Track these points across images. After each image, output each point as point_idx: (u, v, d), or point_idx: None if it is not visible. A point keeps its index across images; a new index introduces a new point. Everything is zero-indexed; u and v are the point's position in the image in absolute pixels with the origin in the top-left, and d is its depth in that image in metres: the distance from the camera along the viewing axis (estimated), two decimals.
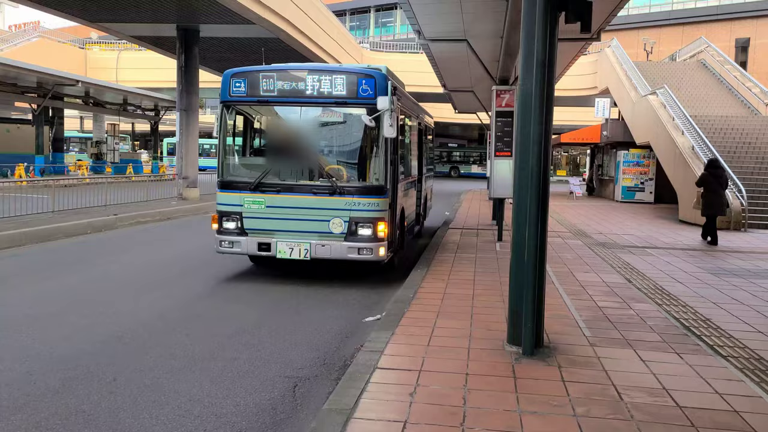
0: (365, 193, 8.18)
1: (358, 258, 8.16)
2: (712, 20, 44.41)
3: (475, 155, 53.35)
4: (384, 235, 8.22)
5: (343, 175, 8.44)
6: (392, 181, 8.69)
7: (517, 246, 5.33)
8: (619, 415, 4.07)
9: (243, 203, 8.42)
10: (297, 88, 8.26)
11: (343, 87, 8.14)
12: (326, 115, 8.68)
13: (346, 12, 63.16)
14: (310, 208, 8.22)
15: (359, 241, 8.15)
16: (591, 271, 9.29)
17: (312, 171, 8.57)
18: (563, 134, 32.76)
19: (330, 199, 8.15)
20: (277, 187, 8.34)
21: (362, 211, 8.13)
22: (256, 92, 8.38)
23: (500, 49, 12.07)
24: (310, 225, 8.23)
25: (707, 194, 13.06)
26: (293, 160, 8.65)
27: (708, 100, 24.44)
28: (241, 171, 8.94)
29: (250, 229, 8.47)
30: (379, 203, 8.21)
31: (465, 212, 19.27)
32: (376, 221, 8.15)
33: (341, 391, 4.37)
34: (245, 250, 8.48)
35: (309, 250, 8.24)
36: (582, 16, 5.19)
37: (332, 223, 8.15)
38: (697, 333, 6.05)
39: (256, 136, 9.46)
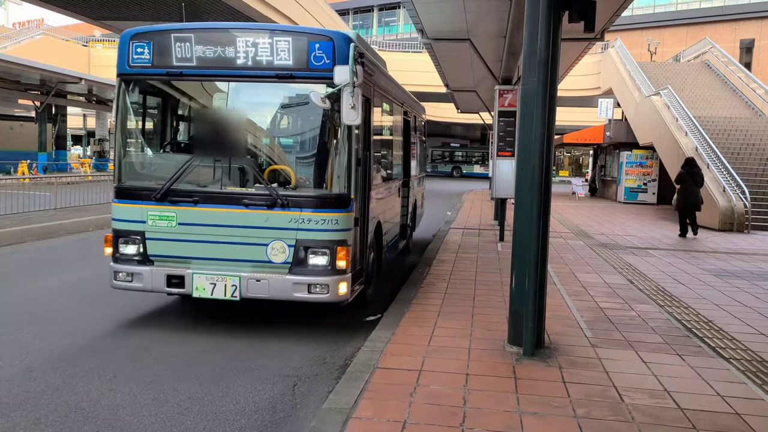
0: (320, 206, 5.78)
1: (307, 298, 5.79)
2: (716, 21, 44.33)
3: (478, 155, 53.29)
4: (345, 265, 5.81)
5: (288, 180, 6.01)
6: (362, 187, 6.48)
7: (518, 246, 5.31)
8: (619, 417, 4.05)
9: (146, 219, 6.01)
10: (224, 55, 5.87)
11: (288, 54, 5.75)
12: (265, 94, 6.31)
13: (349, 11, 63.19)
14: (240, 227, 5.83)
15: (310, 273, 5.77)
16: (592, 272, 9.26)
17: (244, 174, 6.11)
18: (566, 135, 32.76)
19: (269, 213, 5.77)
20: (194, 196, 5.93)
21: (315, 232, 5.74)
22: (166, 61, 5.97)
23: (503, 48, 12.05)
24: (241, 251, 5.85)
25: (683, 191, 13.83)
26: (217, 159, 6.14)
27: (712, 101, 24.38)
28: (145, 173, 6.46)
29: (156, 256, 6.04)
30: (340, 220, 5.80)
31: (467, 212, 19.26)
32: (334, 246, 5.77)
33: (341, 391, 4.36)
34: (148, 285, 6.04)
35: (238, 286, 5.82)
36: (586, 16, 5.17)
37: (272, 249, 5.79)
38: (699, 335, 6.03)
39: (165, 125, 6.88)
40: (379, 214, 7.63)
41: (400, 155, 10.02)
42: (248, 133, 6.47)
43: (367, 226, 6.79)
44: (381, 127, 8.02)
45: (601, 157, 31.28)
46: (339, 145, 5.91)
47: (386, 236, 8.33)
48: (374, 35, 61.85)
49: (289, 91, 6.21)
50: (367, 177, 6.71)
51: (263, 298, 5.89)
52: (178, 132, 7.07)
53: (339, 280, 5.83)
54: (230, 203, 5.90)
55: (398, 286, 7.99)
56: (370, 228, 7.01)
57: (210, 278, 5.90)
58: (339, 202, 5.86)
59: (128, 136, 6.45)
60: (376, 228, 7.48)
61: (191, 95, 6.81)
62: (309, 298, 5.81)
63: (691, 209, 13.95)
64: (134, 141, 6.63)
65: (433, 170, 53.45)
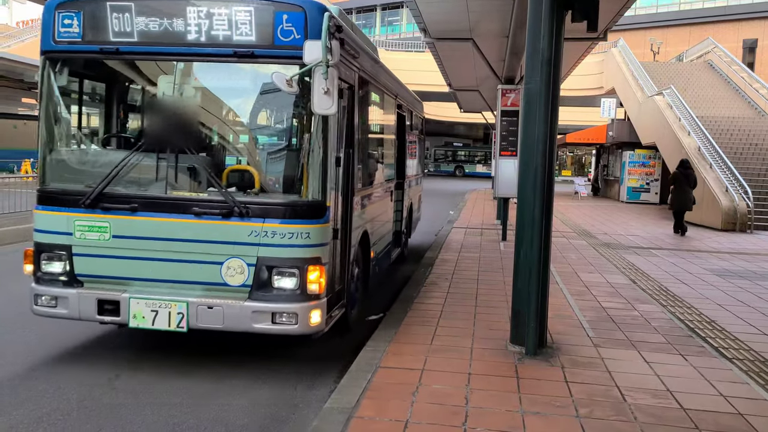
0: (287, 216, 4.73)
1: (271, 330, 4.74)
2: (719, 21, 44.20)
3: (480, 155, 53.24)
4: (319, 289, 4.77)
5: (249, 184, 4.93)
6: (343, 192, 5.54)
7: (520, 245, 5.31)
8: (622, 417, 4.05)
9: (74, 230, 4.92)
10: (171, 29, 4.78)
11: (250, 27, 4.69)
12: (222, 77, 5.14)
13: (353, 11, 63.17)
14: (189, 241, 4.79)
15: (274, 299, 4.73)
16: (595, 272, 9.25)
17: (194, 175, 5.00)
18: (569, 134, 32.73)
19: (225, 224, 4.73)
20: (132, 202, 4.85)
21: (281, 248, 4.71)
22: (100, 36, 4.87)
23: (506, 48, 12.03)
24: (189, 270, 4.81)
25: (676, 191, 14.39)
26: (162, 156, 4.96)
27: (715, 101, 24.33)
28: (73, 173, 5.22)
29: (85, 276, 4.98)
30: (312, 233, 4.76)
31: (469, 212, 19.25)
32: (305, 265, 4.72)
33: (343, 390, 4.37)
34: (75, 311, 4.94)
35: (185, 314, 4.74)
36: (588, 15, 5.17)
37: (227, 268, 4.76)
38: (701, 335, 6.02)
39: (99, 114, 5.79)
40: (366, 223, 6.62)
41: (393, 154, 8.97)
42: (200, 125, 5.25)
43: (350, 237, 5.73)
44: (369, 121, 6.79)
45: (604, 157, 31.25)
46: (312, 141, 4.80)
47: (375, 247, 7.24)
48: (377, 35, 61.83)
49: (251, 73, 5.04)
50: (350, 180, 5.69)
51: (216, 329, 4.79)
52: (114, 123, 5.74)
53: (311, 308, 4.73)
54: (176, 211, 4.83)
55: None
56: (354, 240, 5.93)
57: (151, 304, 4.79)
58: (311, 211, 4.79)
59: (54, 128, 5.24)
60: (362, 239, 6.38)
61: (131, 78, 5.61)
62: (273, 329, 4.73)
63: (684, 208, 14.40)
64: (61, 134, 5.36)
65: (435, 169, 53.45)
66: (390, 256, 8.83)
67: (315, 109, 4.45)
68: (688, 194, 14.30)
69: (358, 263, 6.31)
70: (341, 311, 5.55)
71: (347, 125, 5.60)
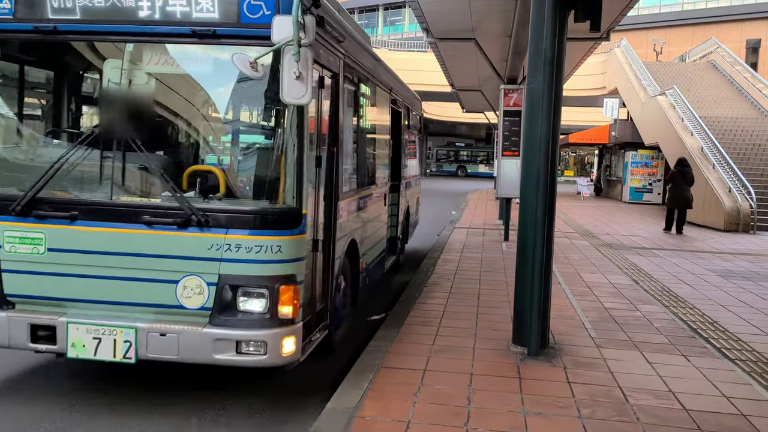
0: (255, 226, 4.03)
1: (236, 361, 4.04)
2: (722, 21, 44.10)
3: (483, 155, 53.22)
4: (293, 312, 4.09)
5: (214, 187, 4.17)
6: (327, 196, 4.90)
7: (523, 246, 5.30)
8: (624, 418, 4.04)
9: (2, 242, 4.23)
10: (120, 4, 4.10)
11: (212, 2, 4.04)
12: (179, 61, 4.40)
13: (355, 10, 63.16)
14: (138, 255, 4.08)
15: (239, 325, 4.03)
16: (597, 272, 9.24)
17: (146, 178, 4.31)
18: (571, 134, 32.69)
19: (181, 236, 4.03)
20: (71, 208, 4.15)
21: (247, 264, 4.01)
22: (36, 13, 4.18)
23: (508, 48, 12.02)
24: (139, 290, 4.10)
25: (674, 189, 14.61)
26: (107, 154, 4.23)
27: (718, 101, 24.29)
28: (3, 174, 4.48)
29: (16, 296, 4.27)
30: (285, 246, 4.06)
31: (471, 212, 19.24)
32: (275, 284, 4.03)
33: (345, 390, 4.37)
34: (4, 338, 4.22)
35: (133, 342, 4.04)
36: (591, 15, 5.16)
37: (184, 288, 4.05)
38: (704, 335, 6.01)
39: (35, 105, 5.07)
40: (355, 231, 5.88)
41: (387, 154, 8.22)
42: (153, 117, 4.46)
43: (334, 249, 5.00)
44: (358, 117, 6.16)
45: (606, 157, 31.21)
46: (285, 138, 4.11)
47: (365, 257, 6.51)
48: (380, 34, 61.83)
49: (214, 56, 4.28)
50: (335, 182, 4.97)
51: (170, 359, 4.06)
52: (53, 116, 4.92)
53: (283, 334, 4.03)
54: (124, 220, 4.08)
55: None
56: (340, 251, 5.23)
57: (93, 330, 4.06)
58: (283, 220, 4.07)
59: None
60: (350, 249, 5.66)
61: (72, 62, 4.74)
62: (238, 360, 4.01)
63: (681, 206, 14.65)
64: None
65: (437, 169, 53.46)
66: (383, 265, 8.04)
67: (284, 97, 3.75)
68: (687, 192, 14.47)
69: (345, 276, 5.60)
70: (324, 333, 4.88)
71: (331, 120, 4.93)
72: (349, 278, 5.82)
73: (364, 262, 6.52)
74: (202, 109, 4.63)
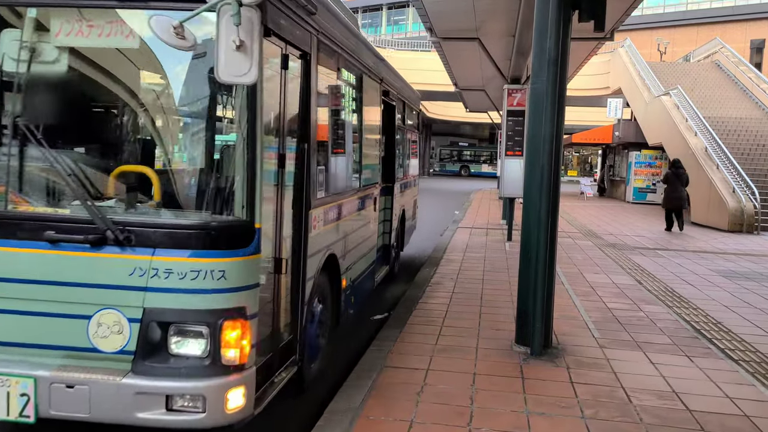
0: (192, 244, 3.13)
1: (165, 422, 3.09)
2: (727, 21, 44.00)
3: (486, 154, 53.22)
4: (241, 356, 3.19)
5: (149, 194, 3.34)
6: (295, 202, 4.01)
7: (526, 246, 5.30)
8: (627, 418, 4.03)
9: None
10: None
11: None
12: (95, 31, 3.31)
13: (359, 10, 63.16)
14: (39, 283, 3.16)
15: (170, 374, 3.10)
16: (601, 272, 9.23)
17: (51, 181, 3.39)
18: (575, 134, 32.68)
19: (95, 258, 3.13)
20: None
21: (180, 295, 3.12)
22: None
23: (512, 47, 12.02)
24: (41, 328, 3.17)
25: (668, 190, 15.01)
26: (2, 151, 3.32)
27: (722, 101, 24.23)
28: None
29: None
30: (231, 270, 3.17)
31: (475, 212, 19.23)
32: (218, 320, 3.12)
33: (348, 389, 4.37)
34: None
35: (31, 396, 3.08)
36: (596, 15, 5.15)
37: (97, 325, 3.14)
38: (707, 336, 6.00)
39: None
40: (335, 243, 4.94)
41: (377, 152, 7.16)
42: (63, 102, 3.54)
43: (304, 268, 4.08)
44: (339, 108, 5.22)
45: (610, 157, 31.17)
46: (232, 130, 3.23)
47: (349, 273, 5.61)
48: (383, 34, 61.83)
49: (138, 23, 3.25)
50: (306, 186, 4.06)
51: (80, 419, 3.09)
52: None
53: (228, 385, 3.10)
54: (20, 236, 3.14)
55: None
56: (313, 269, 4.28)
57: None
58: (229, 237, 3.14)
59: None
60: (328, 264, 4.72)
61: None
62: (168, 421, 3.07)
63: (677, 206, 14.97)
64: None
65: (441, 169, 53.50)
66: (373, 277, 7.06)
67: (220, 74, 2.84)
68: (681, 193, 14.82)
69: (323, 297, 4.70)
70: (292, 371, 3.98)
71: (301, 110, 4.04)
72: (329, 298, 4.93)
73: (348, 279, 5.56)
74: (123, 92, 3.65)
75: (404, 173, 9.20)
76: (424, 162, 53.97)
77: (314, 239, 4.30)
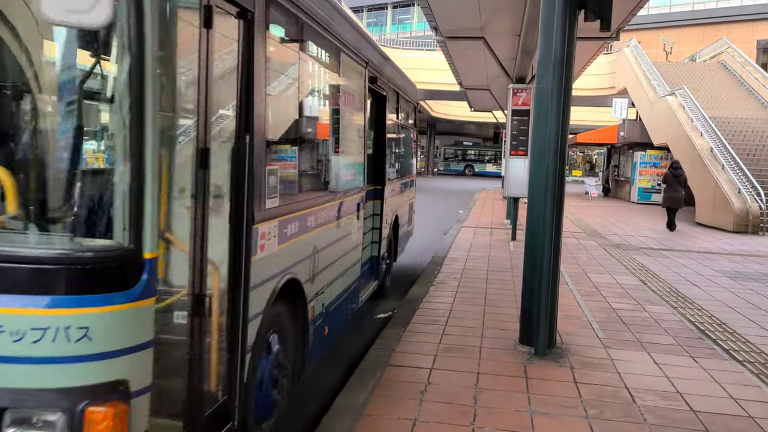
0: (36, 287, 1.99)
1: None
2: (733, 21, 43.84)
3: (490, 154, 53.18)
4: None
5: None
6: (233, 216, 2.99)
7: (530, 245, 5.30)
8: (631, 418, 4.03)
9: None
10: None
11: None
12: None
13: (363, 8, 63.13)
14: None
15: None
16: (605, 272, 9.22)
17: None
18: (580, 134, 32.58)
19: None
20: None
21: (16, 365, 1.98)
22: None
23: (517, 47, 11.99)
24: None
25: (667, 190, 15.56)
26: None
27: (728, 101, 24.15)
28: None
29: None
30: (99, 326, 2.05)
31: (479, 211, 19.22)
32: (78, 404, 1.99)
33: (352, 388, 4.37)
34: None
35: None
36: (601, 15, 5.14)
37: None
38: (712, 337, 5.99)
39: None
40: (298, 264, 3.83)
41: (361, 150, 5.84)
42: None
43: (246, 304, 3.02)
44: (302, 92, 4.17)
45: (615, 157, 31.10)
46: (108, 110, 2.24)
47: (322, 297, 4.45)
48: (388, 33, 61.81)
49: None
50: (249, 193, 3.02)
51: None
52: None
53: None
54: None
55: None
56: (260, 304, 3.20)
57: None
58: (97, 275, 2.08)
59: None
60: (287, 291, 3.62)
61: None
62: None
63: (674, 206, 15.45)
64: None
65: (445, 168, 53.47)
66: (356, 299, 5.82)
67: (45, 10, 1.90)
68: (679, 193, 15.29)
69: (282, 333, 3.64)
70: None
71: (241, 89, 3.00)
72: (291, 334, 3.83)
73: (319, 306, 4.40)
74: None
75: (398, 174, 8.19)
76: (429, 161, 53.98)
77: (263, 263, 3.19)
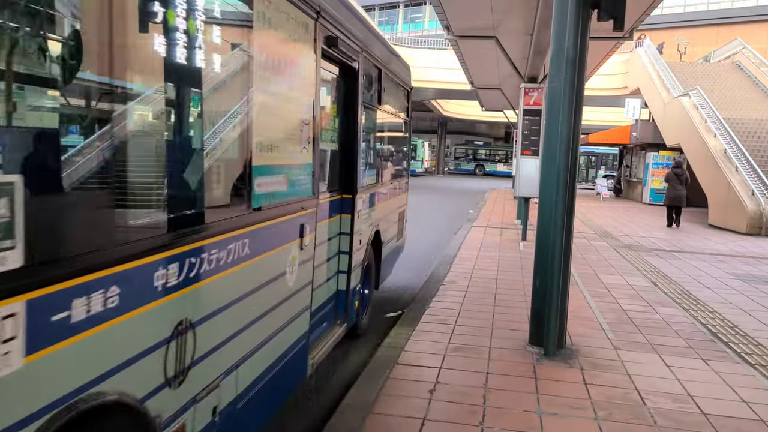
0: None
1: None
2: (748, 21, 43.48)
3: (501, 153, 53.06)
4: None
5: None
6: None
7: (541, 246, 5.28)
8: (641, 421, 4.01)
9: None
10: None
11: None
12: None
13: (375, 7, 63.10)
14: None
15: None
16: (616, 274, 9.17)
17: None
18: (591, 134, 32.41)
19: None
20: None
21: None
22: None
23: (529, 46, 11.95)
24: None
25: (669, 189, 16.28)
26: None
27: (742, 102, 23.91)
28: None
29: None
30: None
31: (489, 211, 19.17)
32: None
33: (361, 386, 4.38)
34: None
35: None
36: (615, 15, 5.10)
37: None
38: (724, 340, 5.94)
39: None
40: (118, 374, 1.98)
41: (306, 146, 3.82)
42: None
43: None
44: (190, 46, 2.34)
45: (627, 158, 30.92)
46: None
47: (225, 386, 2.76)
48: (399, 32, 61.76)
49: None
50: None
51: None
52: None
53: None
54: None
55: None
56: None
57: None
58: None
59: None
60: None
61: None
62: None
63: (676, 204, 16.13)
64: None
65: (456, 168, 53.41)
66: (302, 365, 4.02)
67: None
68: (680, 192, 16.02)
69: None
70: None
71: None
72: None
73: (224, 400, 2.78)
74: None
75: (378, 177, 6.30)
76: (439, 160, 53.89)
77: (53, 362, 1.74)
